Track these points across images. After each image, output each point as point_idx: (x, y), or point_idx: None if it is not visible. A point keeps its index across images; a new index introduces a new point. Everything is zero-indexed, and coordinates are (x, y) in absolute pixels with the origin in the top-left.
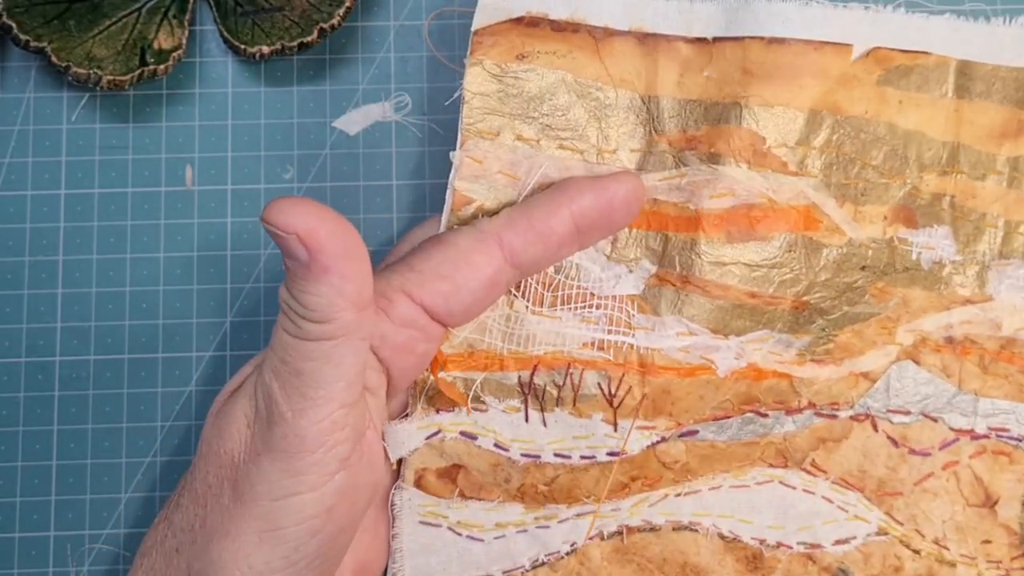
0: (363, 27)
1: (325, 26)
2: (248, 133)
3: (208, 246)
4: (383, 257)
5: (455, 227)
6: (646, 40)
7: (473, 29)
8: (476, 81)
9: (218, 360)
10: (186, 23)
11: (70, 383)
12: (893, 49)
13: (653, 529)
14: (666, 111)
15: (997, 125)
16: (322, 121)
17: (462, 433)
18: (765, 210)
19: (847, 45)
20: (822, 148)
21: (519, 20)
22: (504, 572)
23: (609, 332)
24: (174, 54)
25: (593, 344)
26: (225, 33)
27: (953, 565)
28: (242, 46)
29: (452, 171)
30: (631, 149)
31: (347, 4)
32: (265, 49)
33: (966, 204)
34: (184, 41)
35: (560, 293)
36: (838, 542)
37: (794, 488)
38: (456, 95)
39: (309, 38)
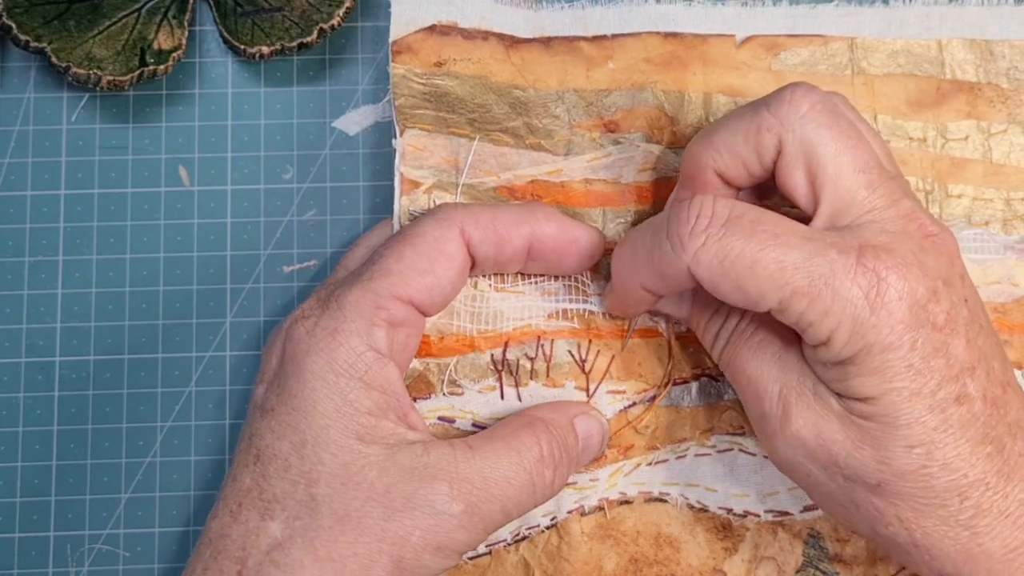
0: (363, 27)
1: (325, 26)
2: (248, 133)
3: (208, 246)
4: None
5: (414, 218)
6: (551, 43)
7: (391, 40)
8: (402, 85)
9: (218, 360)
10: (186, 23)
11: (70, 383)
12: (779, 35)
13: (626, 502)
14: (581, 103)
15: (913, 96)
16: (322, 121)
17: (440, 418)
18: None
19: (730, 36)
20: None
21: (432, 28)
22: (487, 545)
23: (571, 301)
24: (174, 54)
25: (558, 314)
26: (225, 33)
27: None
28: (242, 46)
29: (396, 158)
30: (555, 138)
31: (347, 4)
32: (265, 49)
33: None
34: (184, 41)
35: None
36: (807, 508)
37: (754, 455)
38: (387, 98)
39: (309, 38)
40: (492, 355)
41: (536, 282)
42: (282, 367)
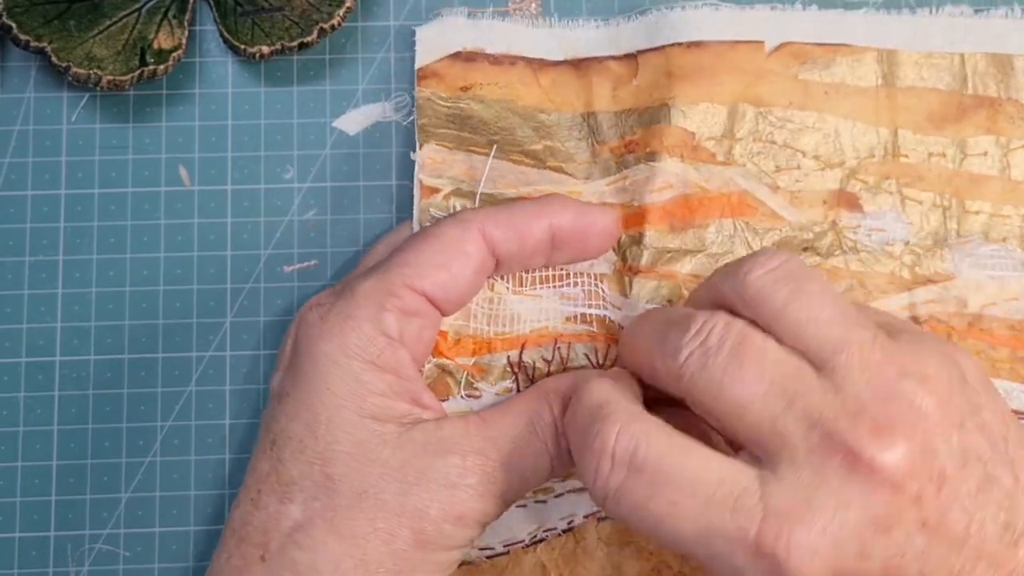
0: (363, 27)
1: (325, 26)
2: (248, 133)
3: (208, 246)
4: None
5: (435, 219)
6: (580, 64)
7: (416, 67)
8: (426, 107)
9: (218, 360)
10: (186, 23)
11: (70, 383)
12: (808, 43)
13: None
14: (604, 123)
15: (935, 110)
16: (322, 121)
17: None
18: (700, 199)
19: (759, 42)
20: (747, 139)
21: (457, 55)
22: (505, 544)
23: (589, 306)
24: (174, 54)
25: (576, 318)
26: (225, 33)
27: None
28: (242, 46)
29: (416, 168)
30: (577, 162)
31: (347, 4)
32: (265, 49)
33: (914, 187)
34: (184, 41)
35: (537, 273)
36: None
37: None
38: (411, 118)
39: (309, 38)
40: (508, 357)
41: (554, 286)
42: (295, 352)
